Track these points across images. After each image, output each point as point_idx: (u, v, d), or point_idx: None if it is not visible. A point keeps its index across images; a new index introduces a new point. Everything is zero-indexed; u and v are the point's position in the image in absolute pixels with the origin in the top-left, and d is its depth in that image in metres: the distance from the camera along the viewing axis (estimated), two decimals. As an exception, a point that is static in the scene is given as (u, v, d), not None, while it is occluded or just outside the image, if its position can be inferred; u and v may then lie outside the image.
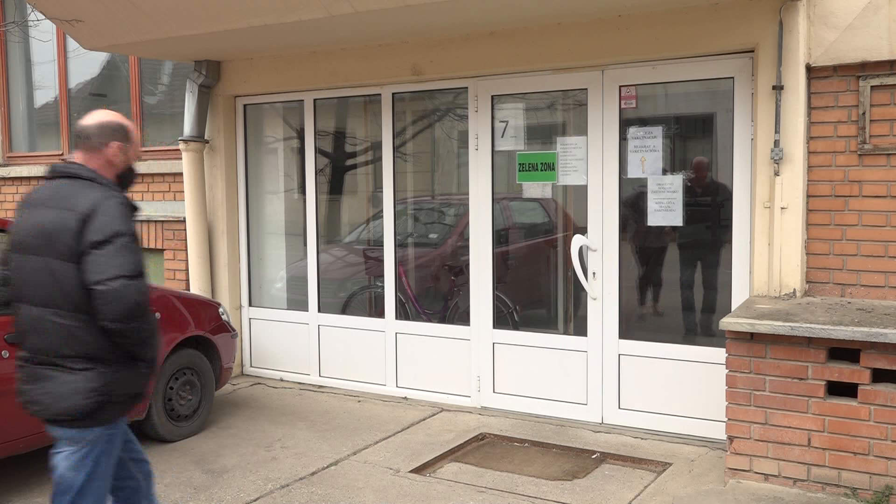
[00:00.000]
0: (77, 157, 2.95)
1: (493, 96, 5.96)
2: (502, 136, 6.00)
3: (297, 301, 7.09)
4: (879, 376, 4.10)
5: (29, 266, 2.80)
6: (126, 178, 3.02)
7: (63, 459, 2.86)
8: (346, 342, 6.75)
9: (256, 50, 6.47)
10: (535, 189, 5.98)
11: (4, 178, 9.18)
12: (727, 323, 4.35)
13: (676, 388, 5.37)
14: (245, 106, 7.17)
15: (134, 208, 2.88)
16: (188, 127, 6.93)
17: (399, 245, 6.69)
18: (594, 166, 5.56)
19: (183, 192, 7.11)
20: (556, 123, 6.11)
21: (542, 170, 5.84)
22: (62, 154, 8.81)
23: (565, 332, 6.05)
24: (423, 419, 5.91)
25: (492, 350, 6.06)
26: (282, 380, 7.07)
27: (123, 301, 2.69)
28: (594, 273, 5.59)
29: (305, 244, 6.97)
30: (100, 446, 2.86)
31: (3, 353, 4.42)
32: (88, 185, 2.84)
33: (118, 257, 2.70)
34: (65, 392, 2.76)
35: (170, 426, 5.50)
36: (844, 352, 4.16)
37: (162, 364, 5.38)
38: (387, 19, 5.30)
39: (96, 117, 2.99)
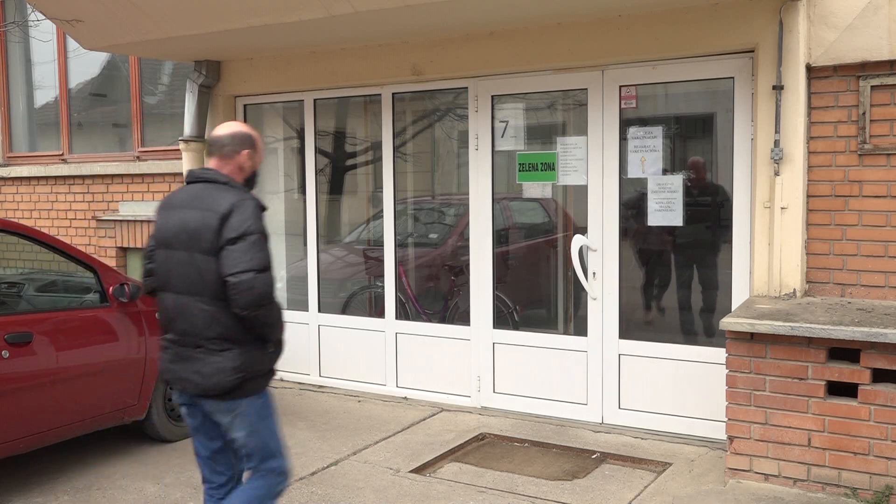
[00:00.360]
0: (211, 163, 3.30)
1: (493, 96, 5.96)
2: (502, 136, 6.00)
3: (297, 301, 7.09)
4: (879, 376, 4.10)
5: (175, 260, 3.17)
6: (251, 180, 3.37)
7: (230, 429, 3.24)
8: (346, 342, 6.75)
9: (256, 50, 6.47)
10: (535, 189, 5.98)
11: (4, 178, 9.18)
12: (727, 323, 4.35)
13: (676, 388, 5.37)
14: (245, 106, 7.17)
15: (264, 208, 3.21)
16: (188, 127, 6.93)
17: (399, 245, 6.69)
18: (594, 166, 5.56)
19: (183, 192, 7.11)
20: (556, 123, 6.11)
21: (542, 170, 5.84)
22: (62, 154, 8.82)
23: (565, 332, 6.05)
24: (424, 419, 5.91)
25: (492, 350, 6.06)
26: (282, 380, 7.07)
27: (252, 291, 3.03)
28: (594, 273, 5.59)
29: (305, 244, 6.97)
30: (255, 411, 3.25)
31: (3, 353, 4.42)
32: (225, 188, 3.19)
33: (249, 253, 3.04)
34: (210, 371, 3.13)
35: (170, 426, 5.50)
36: (844, 352, 4.16)
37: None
38: (387, 19, 5.30)
39: (229, 128, 3.33)
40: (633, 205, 5.54)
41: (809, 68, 4.78)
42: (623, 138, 5.49)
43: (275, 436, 3.34)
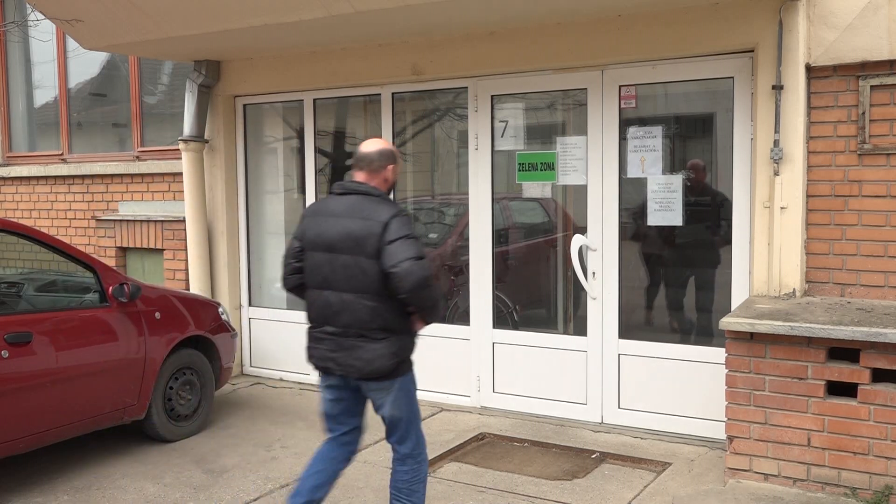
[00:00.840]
0: (360, 177, 3.72)
1: (492, 96, 5.96)
2: (502, 136, 6.00)
3: (296, 301, 7.03)
4: (879, 376, 4.10)
5: (340, 263, 3.60)
6: (391, 190, 3.84)
7: (384, 405, 3.74)
8: (345, 342, 6.74)
9: (256, 50, 6.47)
10: (534, 189, 5.98)
11: (4, 178, 9.18)
12: (727, 323, 4.35)
13: (676, 388, 5.37)
14: (245, 106, 7.17)
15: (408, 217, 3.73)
16: (188, 127, 6.93)
17: (399, 245, 6.67)
18: (594, 166, 5.56)
19: (183, 192, 7.11)
20: (555, 123, 6.11)
21: (541, 170, 5.84)
22: (62, 154, 8.82)
23: (565, 332, 6.05)
24: (423, 419, 5.89)
25: (492, 350, 6.05)
26: (281, 379, 7.07)
27: (413, 276, 3.45)
28: (594, 273, 5.59)
29: (305, 244, 6.95)
30: (403, 389, 3.74)
31: (2, 353, 4.42)
32: (378, 200, 3.63)
33: (405, 247, 3.49)
34: (372, 357, 3.59)
35: (170, 426, 5.50)
36: (844, 352, 4.16)
37: (161, 364, 5.39)
38: (387, 19, 5.30)
39: (376, 145, 3.75)
40: (636, 206, 5.54)
41: (809, 68, 4.78)
42: (623, 138, 5.49)
43: (416, 410, 3.85)
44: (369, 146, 3.74)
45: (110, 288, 5.10)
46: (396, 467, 3.82)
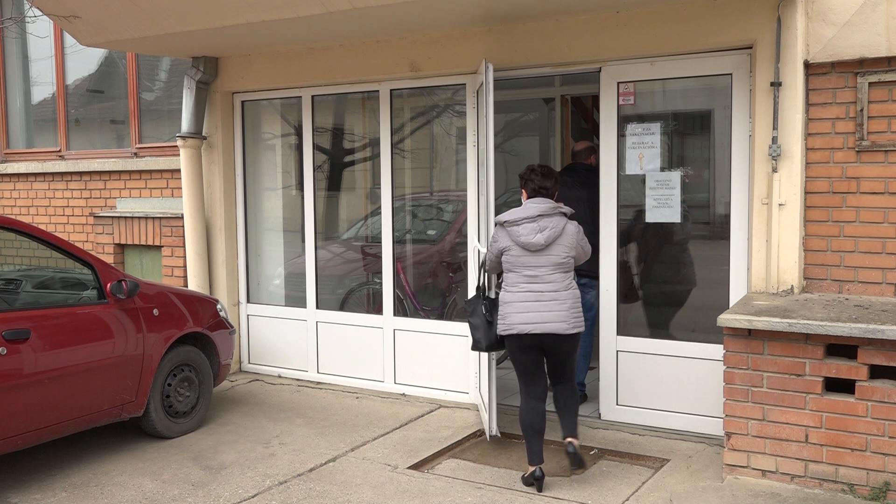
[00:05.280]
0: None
1: (491, 93, 5.95)
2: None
3: (295, 298, 7.09)
4: (877, 373, 4.11)
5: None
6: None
7: (590, 295, 5.53)
8: (344, 339, 6.75)
9: (254, 46, 6.46)
10: (533, 185, 5.96)
11: (2, 175, 9.17)
12: (725, 319, 4.35)
13: (674, 385, 5.37)
14: (243, 102, 7.16)
15: None
16: (186, 123, 6.92)
17: (397, 241, 6.68)
18: (592, 163, 5.56)
19: (181, 188, 7.11)
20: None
21: (540, 166, 5.82)
22: (60, 150, 8.81)
23: (563, 329, 6.05)
24: (422, 415, 5.91)
25: (490, 346, 6.05)
26: (280, 376, 7.07)
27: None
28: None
29: (303, 241, 6.97)
30: (596, 289, 5.61)
31: (0, 349, 4.41)
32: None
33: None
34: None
35: (168, 423, 5.50)
36: (842, 348, 4.16)
37: (159, 361, 5.39)
38: (384, 15, 5.29)
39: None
40: (634, 203, 5.54)
41: (807, 65, 4.78)
42: (621, 135, 5.49)
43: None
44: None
45: (108, 285, 5.10)
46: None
